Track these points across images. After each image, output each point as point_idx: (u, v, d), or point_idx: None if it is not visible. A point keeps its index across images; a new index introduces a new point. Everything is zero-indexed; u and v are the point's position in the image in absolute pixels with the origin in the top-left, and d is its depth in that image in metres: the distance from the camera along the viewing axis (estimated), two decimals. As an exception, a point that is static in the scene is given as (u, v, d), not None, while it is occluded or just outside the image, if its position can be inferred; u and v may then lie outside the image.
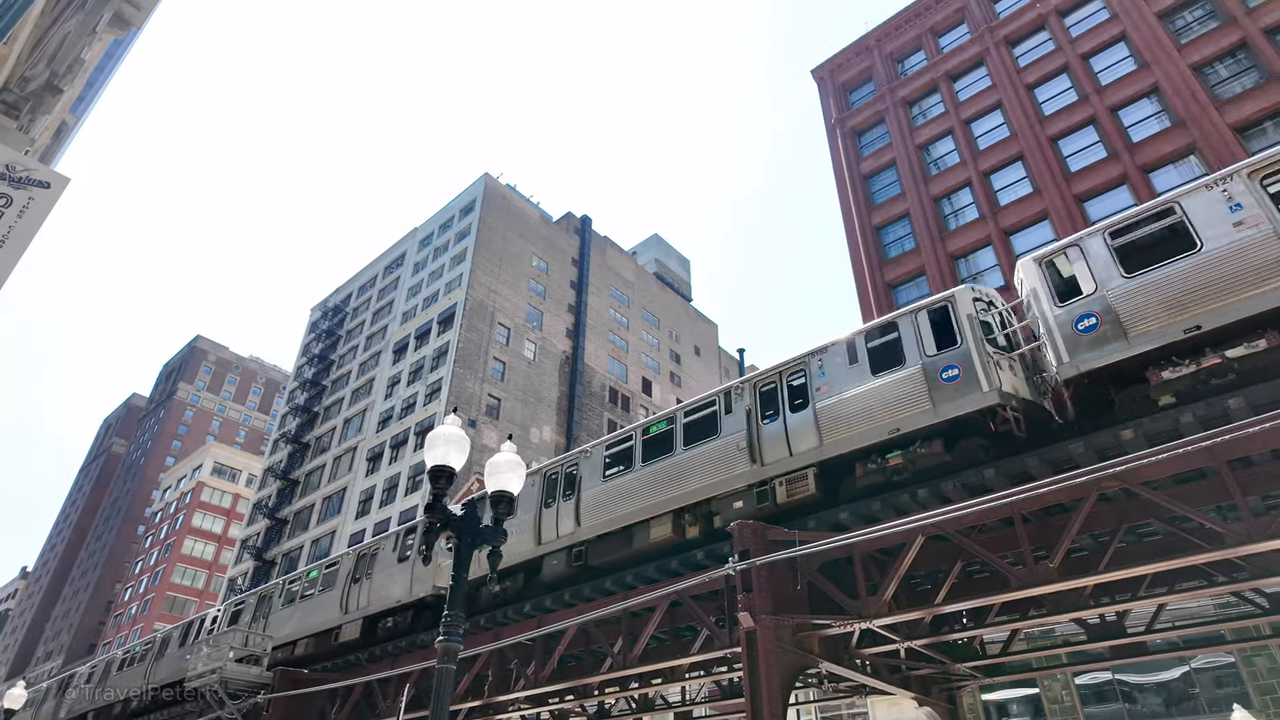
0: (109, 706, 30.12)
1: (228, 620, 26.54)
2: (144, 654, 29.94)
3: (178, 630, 28.78)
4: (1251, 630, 15.40)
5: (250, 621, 25.06)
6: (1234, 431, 9.02)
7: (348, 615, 21.52)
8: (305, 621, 23.05)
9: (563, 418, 59.25)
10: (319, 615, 22.72)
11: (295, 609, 23.88)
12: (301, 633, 22.99)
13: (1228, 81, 24.56)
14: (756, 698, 11.19)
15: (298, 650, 22.79)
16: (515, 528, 17.03)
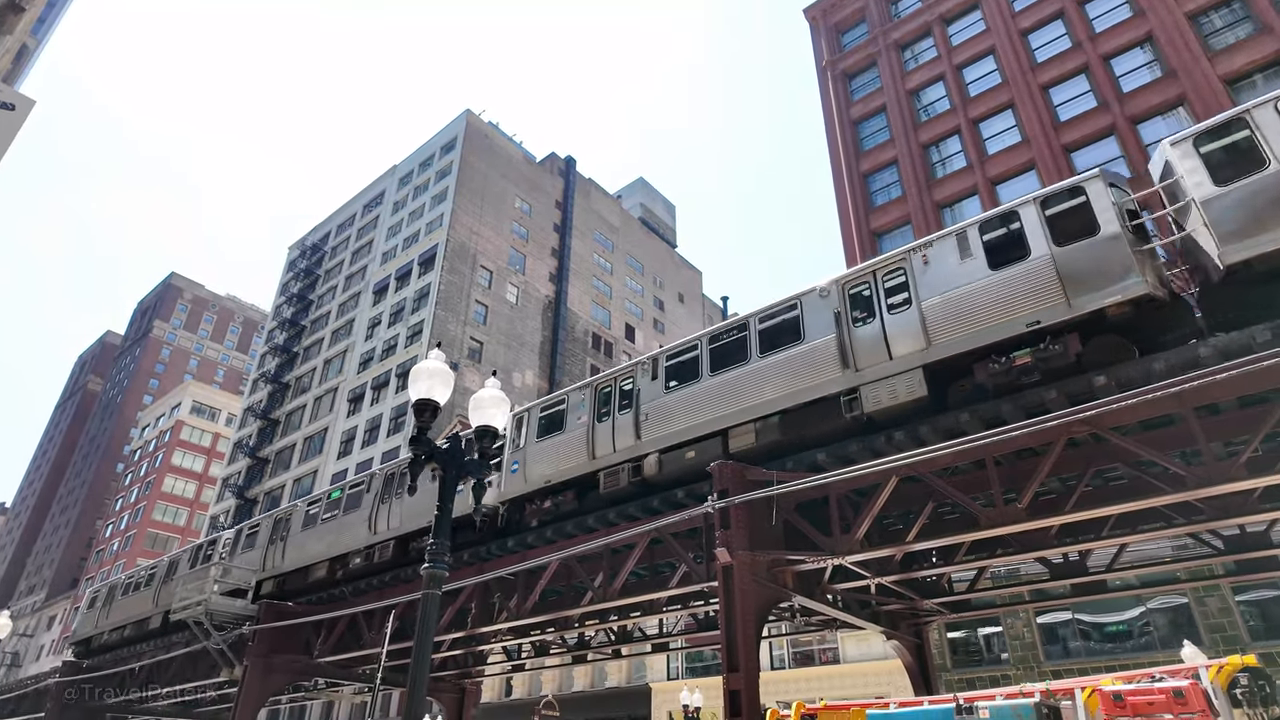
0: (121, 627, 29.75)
1: (240, 544, 25.50)
2: (150, 578, 29.00)
3: (187, 553, 27.71)
4: (1205, 570, 16.10)
5: (267, 544, 23.91)
6: (1204, 378, 9.25)
7: (377, 536, 20.26)
8: (330, 543, 21.58)
9: (545, 362, 59.27)
10: (346, 536, 21.22)
11: (316, 531, 22.36)
12: (324, 555, 21.62)
13: (1221, 32, 24.32)
14: (731, 629, 11.59)
15: (318, 574, 21.60)
16: (564, 444, 16.11)
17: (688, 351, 15.03)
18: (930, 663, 17.20)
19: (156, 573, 28.58)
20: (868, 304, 12.87)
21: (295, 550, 22.69)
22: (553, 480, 15.96)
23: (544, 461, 16.25)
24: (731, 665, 11.39)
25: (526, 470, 16.42)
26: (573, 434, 16.04)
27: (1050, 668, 20.95)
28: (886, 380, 12.01)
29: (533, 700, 33.23)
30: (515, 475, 16.68)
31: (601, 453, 15.38)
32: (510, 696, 37.03)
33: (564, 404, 16.55)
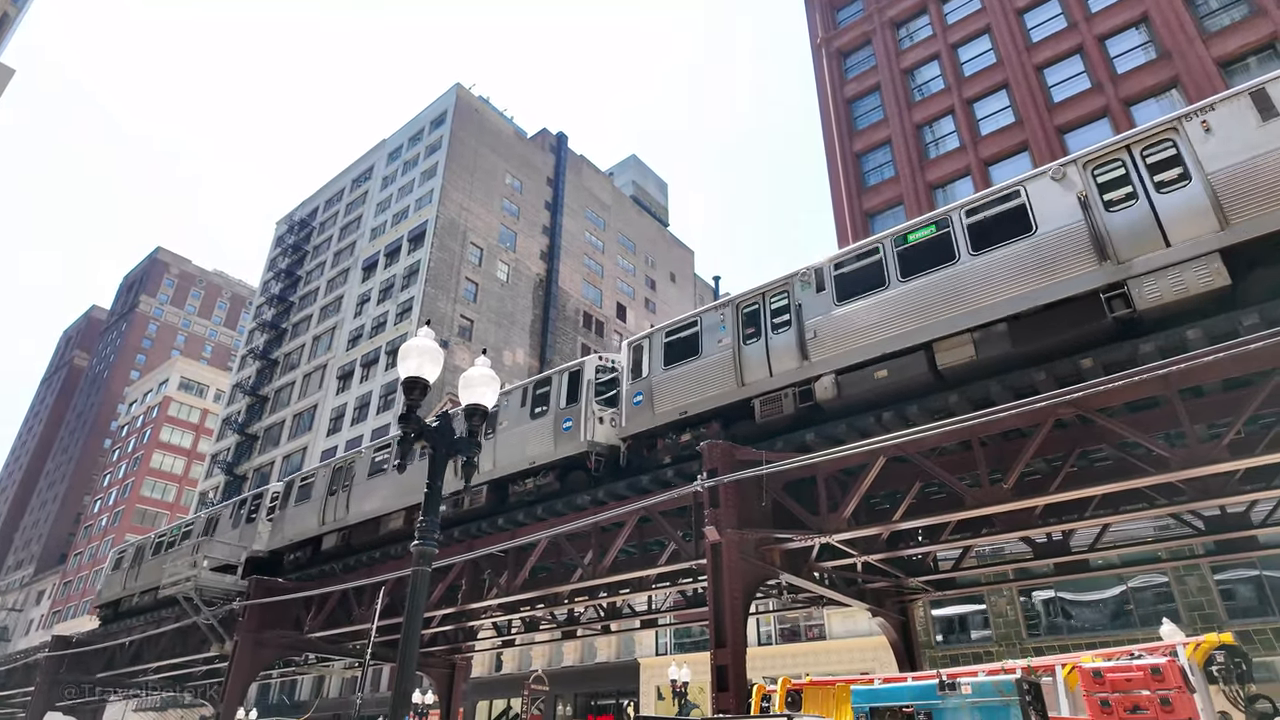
0: None
1: (293, 497, 23.07)
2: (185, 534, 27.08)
3: (229, 508, 25.86)
4: (1186, 550, 16.38)
5: (325, 495, 21.69)
6: (1190, 361, 9.32)
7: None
8: (405, 490, 19.22)
9: (536, 341, 59.13)
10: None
11: (388, 478, 20.00)
12: (398, 505, 19.35)
13: (1217, 14, 24.23)
14: (719, 606, 11.70)
15: (393, 525, 19.25)
16: (702, 371, 14.13)
17: (866, 257, 13.01)
18: (915, 639, 17.47)
19: (194, 529, 26.70)
20: (1123, 183, 11.00)
21: (362, 500, 20.37)
22: (690, 411, 14.00)
23: (677, 391, 14.24)
24: (719, 641, 11.52)
25: (654, 402, 14.50)
26: (712, 359, 14.02)
27: (1033, 644, 21.33)
28: (1167, 270, 10.16)
29: (522, 675, 33.60)
30: (639, 408, 14.77)
31: (754, 378, 13.42)
32: (500, 671, 37.40)
33: (696, 326, 14.59)
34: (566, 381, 16.36)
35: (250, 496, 24.95)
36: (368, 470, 20.81)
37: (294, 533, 22.31)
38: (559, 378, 16.71)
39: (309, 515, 21.96)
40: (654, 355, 15.04)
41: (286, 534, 22.54)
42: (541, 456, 16.10)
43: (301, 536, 22.09)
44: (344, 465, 21.87)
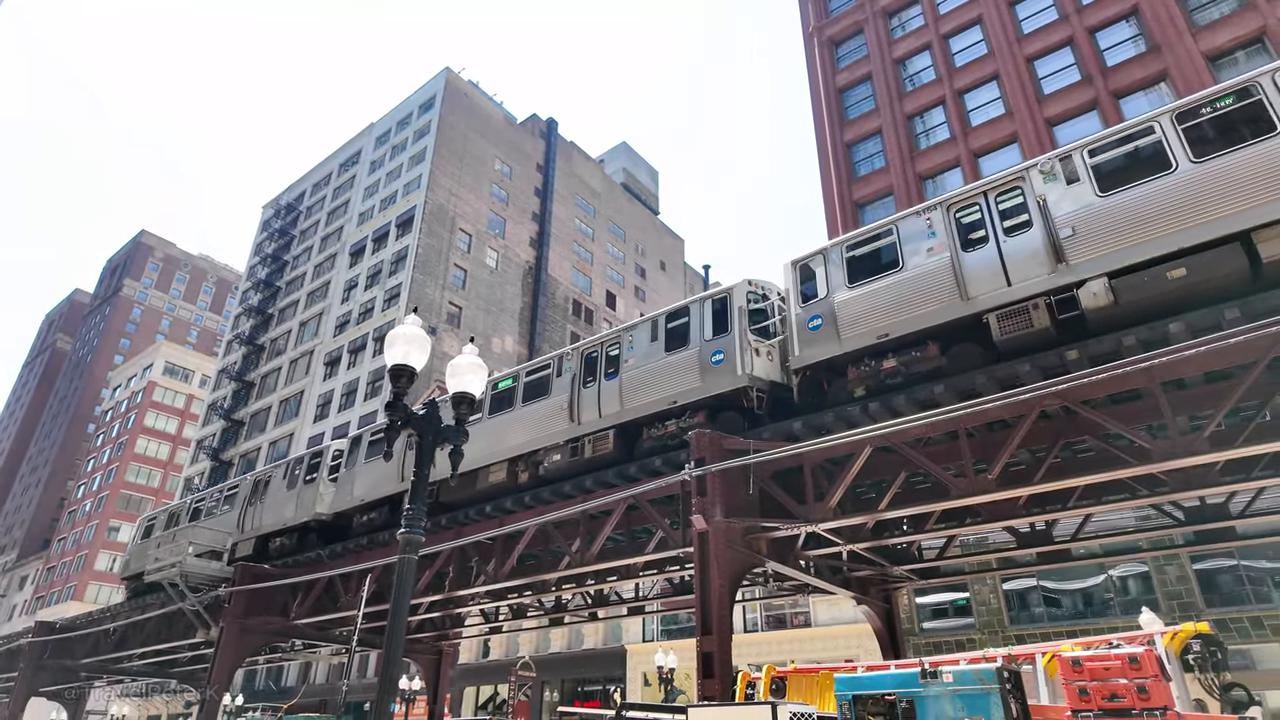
0: None
1: (362, 452, 20.88)
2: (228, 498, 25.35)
3: (281, 468, 23.71)
4: (1166, 540, 16.58)
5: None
6: (1173, 354, 9.41)
7: (584, 426, 15.75)
8: (505, 440, 17.09)
9: (525, 328, 58.97)
10: (532, 430, 16.64)
11: (483, 426, 17.42)
12: (499, 455, 17.11)
13: (1206, 7, 24.31)
14: (706, 594, 11.78)
15: (495, 478, 17.17)
16: (905, 287, 12.28)
17: (1139, 137, 11.01)
18: (899, 627, 17.66)
19: (239, 493, 24.84)
20: None
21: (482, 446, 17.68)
22: (892, 334, 12.10)
23: (870, 312, 12.35)
24: (705, 628, 11.60)
25: (839, 325, 12.58)
26: (920, 271, 12.05)
27: (1015, 632, 21.61)
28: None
29: (510, 661, 33.75)
30: (818, 334, 12.87)
31: (981, 289, 11.45)
32: (487, 657, 37.55)
33: (891, 236, 12.67)
34: (710, 311, 14.38)
35: (308, 455, 22.93)
36: None
37: (364, 492, 20.11)
38: (700, 307, 14.65)
39: (384, 472, 19.64)
40: (833, 273, 13.04)
41: (356, 493, 20.37)
42: (686, 395, 14.12)
43: (374, 496, 19.86)
44: None
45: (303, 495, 21.96)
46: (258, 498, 23.75)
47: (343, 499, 20.79)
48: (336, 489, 21.20)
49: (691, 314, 14.73)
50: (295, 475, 22.78)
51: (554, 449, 16.07)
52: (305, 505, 21.78)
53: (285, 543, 22.47)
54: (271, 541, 22.80)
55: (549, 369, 16.85)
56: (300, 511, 21.86)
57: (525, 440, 16.57)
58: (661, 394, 14.46)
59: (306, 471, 22.32)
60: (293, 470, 23.04)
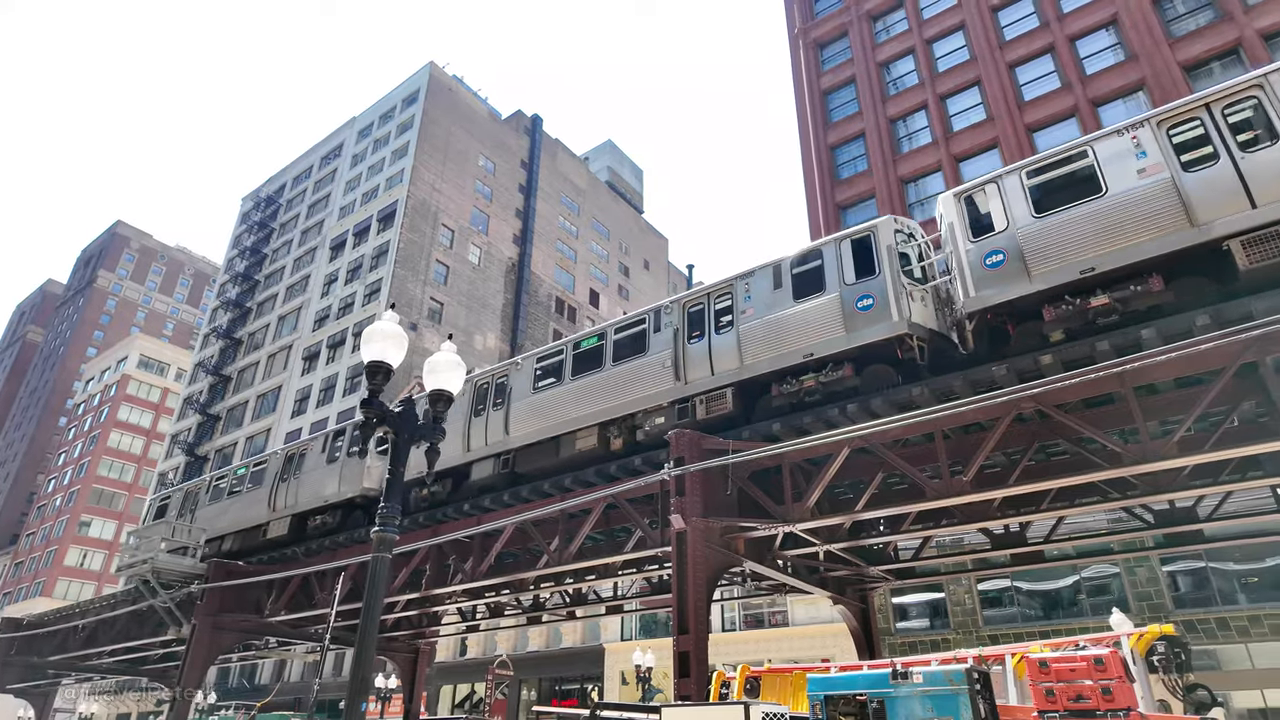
0: None
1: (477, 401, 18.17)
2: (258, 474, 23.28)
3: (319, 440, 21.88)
4: (1136, 543, 16.86)
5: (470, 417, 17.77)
6: (1145, 359, 9.55)
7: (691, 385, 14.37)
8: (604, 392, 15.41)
9: (507, 325, 58.73)
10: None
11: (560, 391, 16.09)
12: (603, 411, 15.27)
13: (1183, 18, 24.70)
14: (683, 594, 11.79)
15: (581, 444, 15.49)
16: (1105, 213, 10.79)
17: None
18: (874, 626, 17.79)
19: (268, 469, 23.03)
20: None
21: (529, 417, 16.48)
22: (1099, 267, 10.57)
23: (1071, 243, 10.86)
24: (682, 628, 11.62)
25: (1027, 261, 11.05)
26: (1128, 198, 10.59)
27: (989, 632, 21.86)
28: None
29: (487, 660, 33.62)
30: (999, 271, 11.30)
31: (1215, 214, 9.96)
32: (465, 656, 37.37)
33: (1086, 159, 11.22)
34: (850, 251, 12.87)
35: (351, 427, 21.12)
36: (531, 380, 16.46)
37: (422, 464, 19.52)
38: (835, 249, 13.07)
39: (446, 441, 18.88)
40: (1013, 203, 11.61)
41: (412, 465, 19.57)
42: (825, 346, 12.59)
43: (437, 469, 17.32)
44: (489, 382, 17.61)
45: (347, 469, 20.01)
46: (291, 473, 21.94)
47: None
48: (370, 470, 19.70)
49: (825, 256, 13.09)
50: (337, 448, 20.95)
51: (656, 411, 14.34)
52: (351, 480, 19.82)
53: (328, 520, 20.46)
54: (311, 520, 20.86)
55: (644, 324, 15.13)
56: (345, 486, 19.91)
57: (619, 403, 14.74)
58: (792, 346, 12.85)
59: (350, 444, 20.33)
60: (333, 443, 21.18)
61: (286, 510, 21.53)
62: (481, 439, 16.98)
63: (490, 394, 17.29)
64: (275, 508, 21.82)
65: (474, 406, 17.55)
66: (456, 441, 17.30)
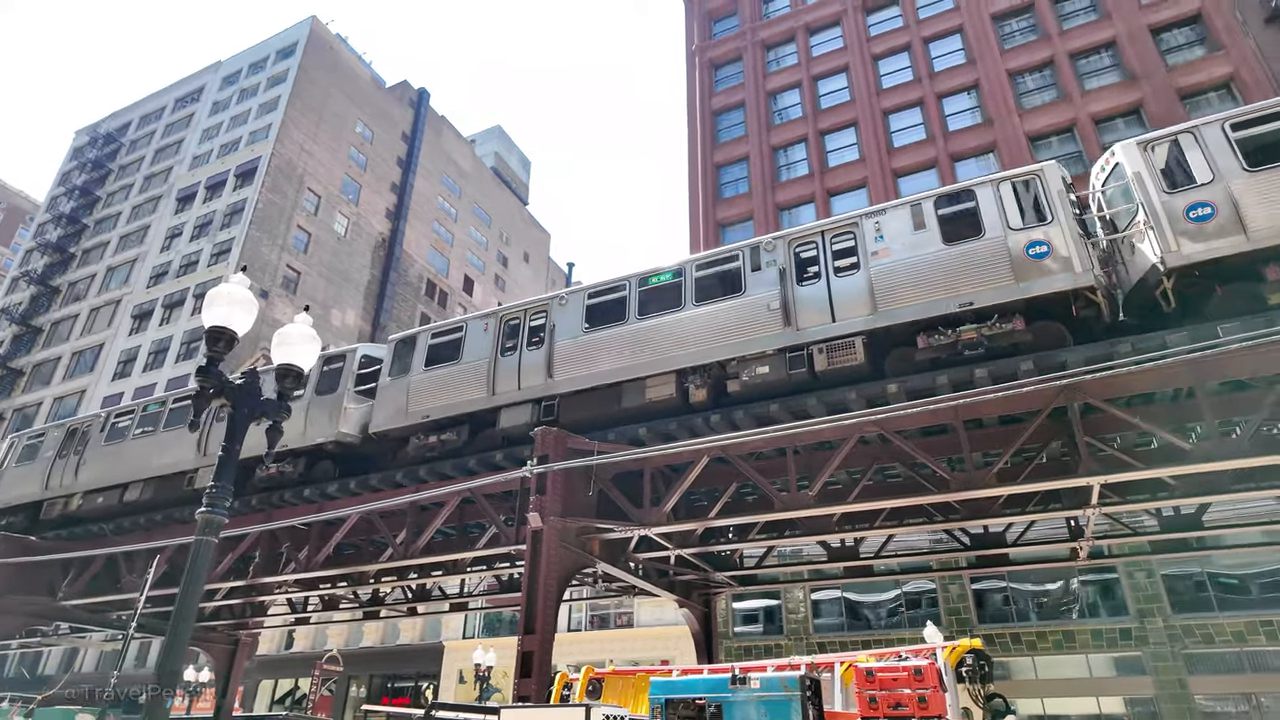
0: None
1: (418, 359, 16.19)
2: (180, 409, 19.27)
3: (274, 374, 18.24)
4: (953, 562, 18.52)
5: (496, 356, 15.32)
6: (975, 397, 10.50)
7: None
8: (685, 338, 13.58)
9: (371, 303, 55.88)
10: None
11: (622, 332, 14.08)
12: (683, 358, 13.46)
13: (1033, 92, 27.50)
14: (533, 593, 11.65)
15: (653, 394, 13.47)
16: None
17: None
18: (715, 631, 18.41)
19: None
20: None
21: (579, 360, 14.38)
22: None
23: None
24: (529, 628, 11.47)
25: (1243, 216, 10.22)
26: None
27: (818, 639, 23.20)
28: None
29: (316, 654, 31.72)
30: (1207, 226, 10.41)
31: None
32: (290, 649, 35.07)
33: None
34: (1013, 193, 11.90)
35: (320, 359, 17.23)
36: (582, 317, 14.45)
37: (431, 407, 15.27)
38: (993, 190, 12.01)
39: (463, 382, 15.24)
40: (1216, 155, 10.76)
41: (416, 408, 15.39)
42: (990, 295, 11.28)
43: (449, 413, 15.08)
44: (520, 317, 15.38)
45: (317, 410, 16.80)
46: None
47: (388, 416, 15.78)
48: (376, 404, 16.26)
49: (980, 197, 12.06)
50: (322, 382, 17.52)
51: (758, 360, 12.72)
52: (321, 422, 16.53)
53: (285, 470, 16.98)
54: (261, 468, 17.13)
55: (737, 260, 13.57)
56: (314, 430, 16.52)
57: (705, 348, 13.09)
58: (944, 293, 11.60)
59: (320, 383, 17.18)
60: None
61: (206, 459, 17.82)
62: (512, 382, 14.61)
63: (523, 331, 15.12)
64: (208, 451, 17.78)
65: (501, 345, 15.27)
66: (475, 384, 14.99)
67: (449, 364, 15.41)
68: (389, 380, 16.01)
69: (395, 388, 15.80)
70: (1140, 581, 20.15)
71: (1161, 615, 19.62)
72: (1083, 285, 10.81)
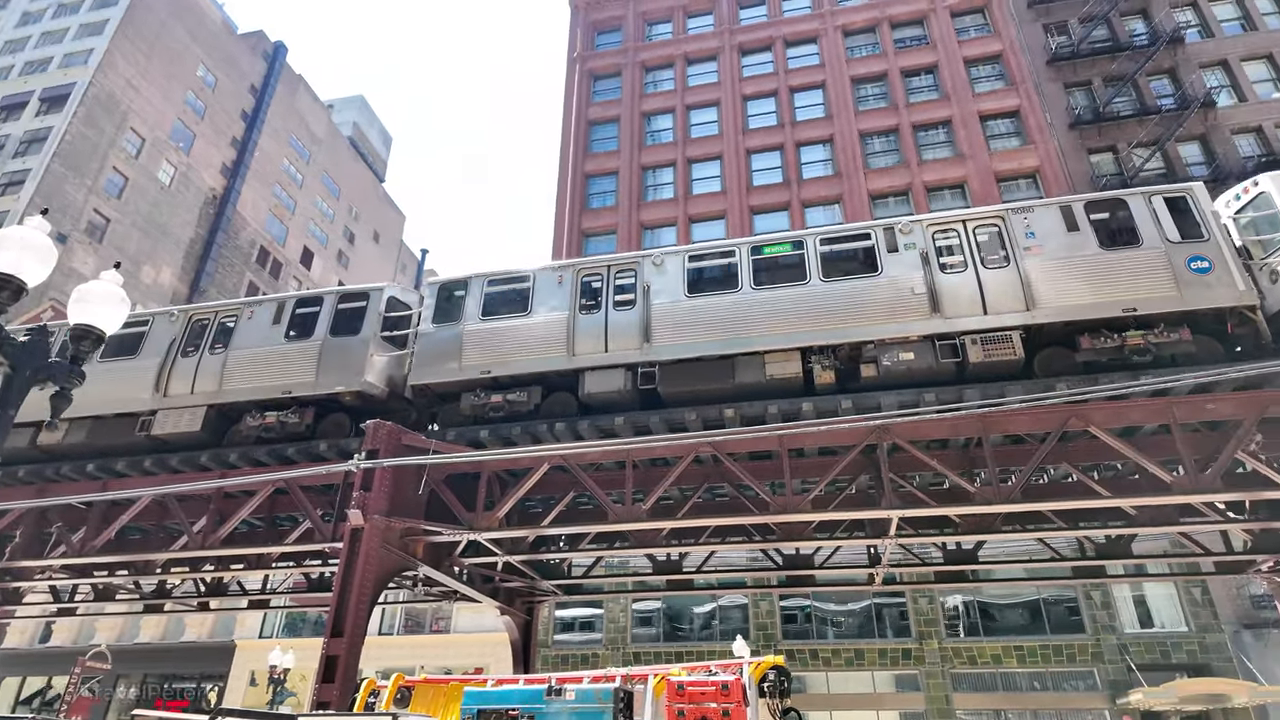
0: None
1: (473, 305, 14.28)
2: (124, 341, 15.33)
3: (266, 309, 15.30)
4: (766, 580, 19.68)
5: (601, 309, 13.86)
6: (800, 428, 11.29)
7: None
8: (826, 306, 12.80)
9: (192, 264, 50.66)
10: None
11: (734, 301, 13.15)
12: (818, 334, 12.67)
13: (879, 154, 30.13)
14: (345, 595, 11.02)
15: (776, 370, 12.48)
16: None
17: None
18: (534, 639, 18.29)
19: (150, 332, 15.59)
20: None
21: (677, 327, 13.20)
22: None
23: None
24: (336, 630, 10.83)
25: None
26: None
27: (635, 650, 23.72)
28: None
29: (79, 649, 28.00)
30: None
31: None
32: (47, 643, 30.74)
33: None
34: (1165, 208, 12.01)
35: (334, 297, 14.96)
36: (683, 281, 13.38)
37: (491, 361, 13.41)
38: (1144, 202, 12.15)
39: (532, 338, 13.52)
40: None
41: (477, 360, 13.45)
42: (1154, 304, 11.42)
43: (516, 371, 13.30)
44: (603, 274, 13.96)
45: (332, 354, 14.23)
46: (207, 346, 15.06)
47: (434, 368, 13.73)
48: (416, 353, 14.14)
49: (1133, 208, 12.17)
50: (304, 322, 14.89)
51: (901, 345, 12.11)
52: (336, 369, 14.02)
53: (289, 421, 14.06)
54: (251, 416, 14.27)
55: (870, 240, 13.04)
56: (330, 378, 13.94)
57: (838, 327, 12.41)
58: (1106, 297, 11.51)
59: (336, 323, 14.62)
60: (297, 312, 14.96)
61: (202, 398, 14.47)
62: (596, 343, 13.24)
63: (607, 290, 13.81)
64: (168, 391, 14.65)
65: (580, 302, 13.81)
66: (550, 342, 13.46)
67: (514, 316, 13.80)
68: (432, 328, 14.07)
69: (441, 337, 13.91)
70: (923, 607, 22.43)
71: (937, 638, 21.94)
72: (1246, 303, 11.11)
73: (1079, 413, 11.06)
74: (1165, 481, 10.90)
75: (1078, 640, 21.20)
